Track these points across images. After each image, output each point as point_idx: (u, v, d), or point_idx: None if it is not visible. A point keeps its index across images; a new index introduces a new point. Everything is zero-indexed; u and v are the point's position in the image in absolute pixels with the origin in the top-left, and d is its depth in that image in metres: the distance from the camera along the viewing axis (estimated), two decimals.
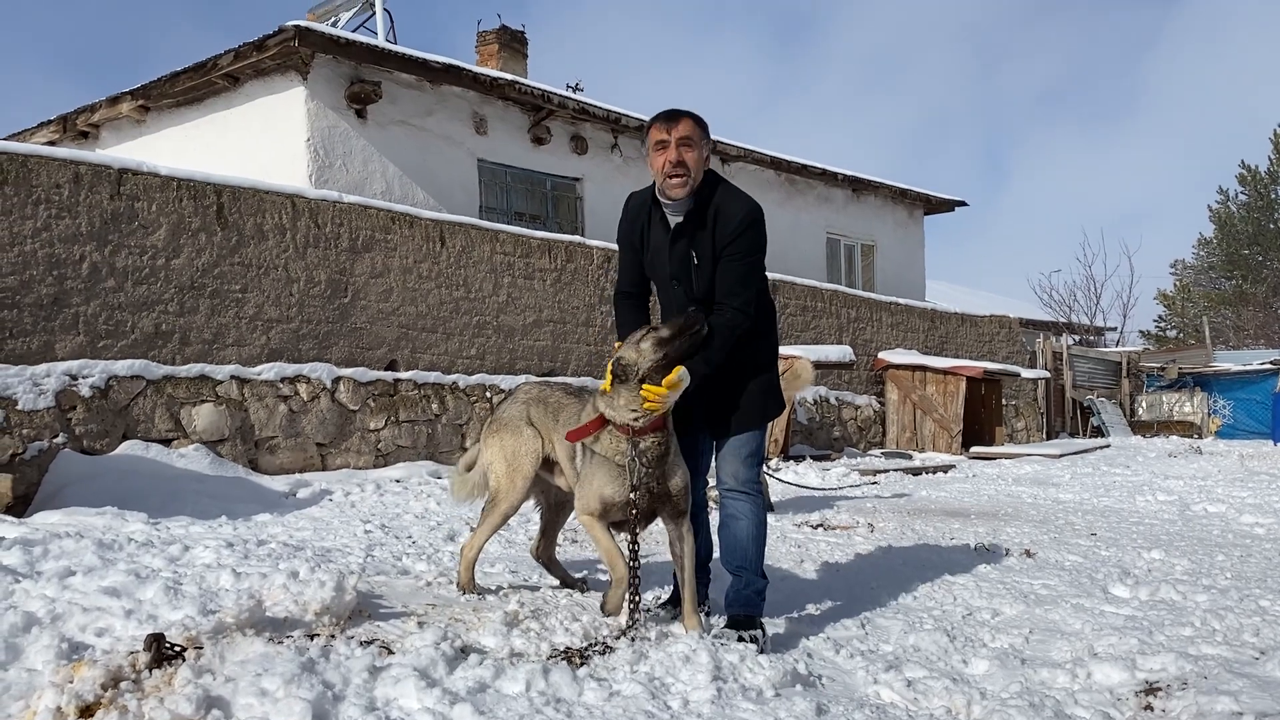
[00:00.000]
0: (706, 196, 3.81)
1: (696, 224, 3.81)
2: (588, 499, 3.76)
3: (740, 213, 3.78)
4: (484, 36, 17.95)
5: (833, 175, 19.10)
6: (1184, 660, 3.61)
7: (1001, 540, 6.49)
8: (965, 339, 18.23)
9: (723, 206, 3.80)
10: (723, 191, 3.85)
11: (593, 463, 3.77)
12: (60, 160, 7.99)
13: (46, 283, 7.79)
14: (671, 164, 3.75)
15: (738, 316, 3.76)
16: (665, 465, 3.70)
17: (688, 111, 3.84)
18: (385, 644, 3.35)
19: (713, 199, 3.81)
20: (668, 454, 3.70)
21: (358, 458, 9.22)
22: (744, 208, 3.80)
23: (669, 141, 3.76)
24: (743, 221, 3.76)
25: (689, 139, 3.76)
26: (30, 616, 3.29)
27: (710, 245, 3.79)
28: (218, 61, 12.28)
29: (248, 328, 8.97)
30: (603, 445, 3.74)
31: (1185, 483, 10.43)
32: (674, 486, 3.72)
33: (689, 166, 3.76)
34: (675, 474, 3.73)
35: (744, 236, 3.76)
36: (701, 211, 3.80)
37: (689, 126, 3.78)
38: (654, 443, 3.66)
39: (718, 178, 3.91)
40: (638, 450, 3.64)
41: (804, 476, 10.28)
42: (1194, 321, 38.99)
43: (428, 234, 10.42)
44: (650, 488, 3.67)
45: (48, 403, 7.28)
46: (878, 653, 3.82)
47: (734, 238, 3.76)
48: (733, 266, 3.78)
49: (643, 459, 3.64)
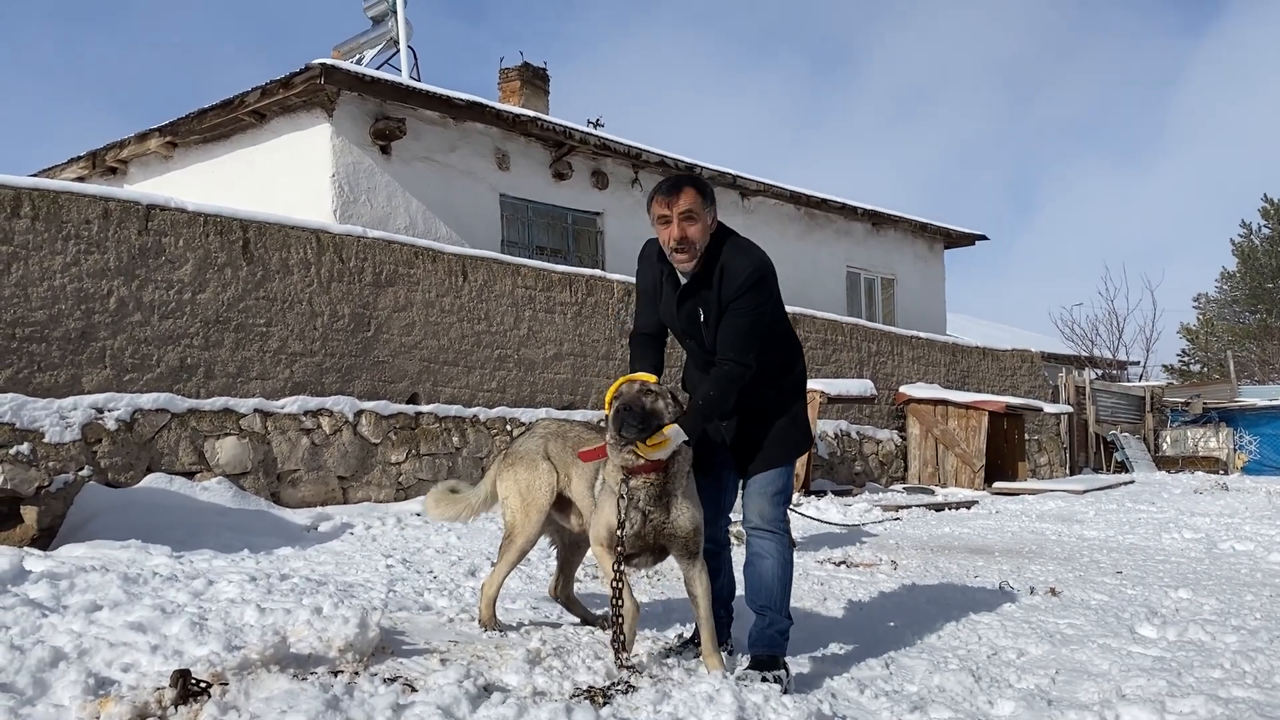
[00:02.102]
0: (714, 254, 3.80)
1: (703, 284, 3.82)
2: (597, 528, 3.80)
3: (745, 270, 3.75)
4: (506, 74, 18.16)
5: (853, 209, 19.13)
6: (1214, 703, 3.56)
7: (1026, 578, 6.43)
8: (987, 373, 18.15)
9: (729, 265, 3.78)
10: (729, 248, 3.82)
11: (603, 492, 3.81)
12: (90, 196, 8.12)
13: (74, 317, 7.89)
14: (676, 240, 3.75)
15: (736, 369, 3.75)
16: (668, 505, 3.68)
17: (690, 180, 3.82)
18: (408, 681, 3.35)
19: (719, 258, 3.80)
20: (666, 495, 3.67)
21: (379, 491, 9.24)
22: (750, 264, 3.77)
23: (671, 217, 3.75)
24: (748, 279, 3.74)
25: (691, 212, 3.73)
26: (57, 651, 3.31)
27: (716, 303, 3.79)
28: (245, 99, 12.46)
29: (271, 361, 9.05)
30: (608, 471, 3.77)
31: (1212, 520, 10.30)
32: (680, 527, 3.69)
33: (692, 240, 3.75)
34: (683, 515, 3.70)
35: (749, 294, 3.74)
36: (709, 270, 3.80)
37: (691, 199, 3.75)
38: (645, 482, 3.65)
39: (725, 232, 3.88)
40: (628, 488, 3.65)
41: (826, 512, 10.22)
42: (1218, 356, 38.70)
43: (450, 268, 10.50)
44: (653, 523, 3.66)
45: (74, 435, 7.35)
46: (902, 693, 3.79)
47: (738, 295, 3.74)
48: (735, 322, 3.76)
49: (633, 497, 3.64)
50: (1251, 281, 41.56)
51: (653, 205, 3.82)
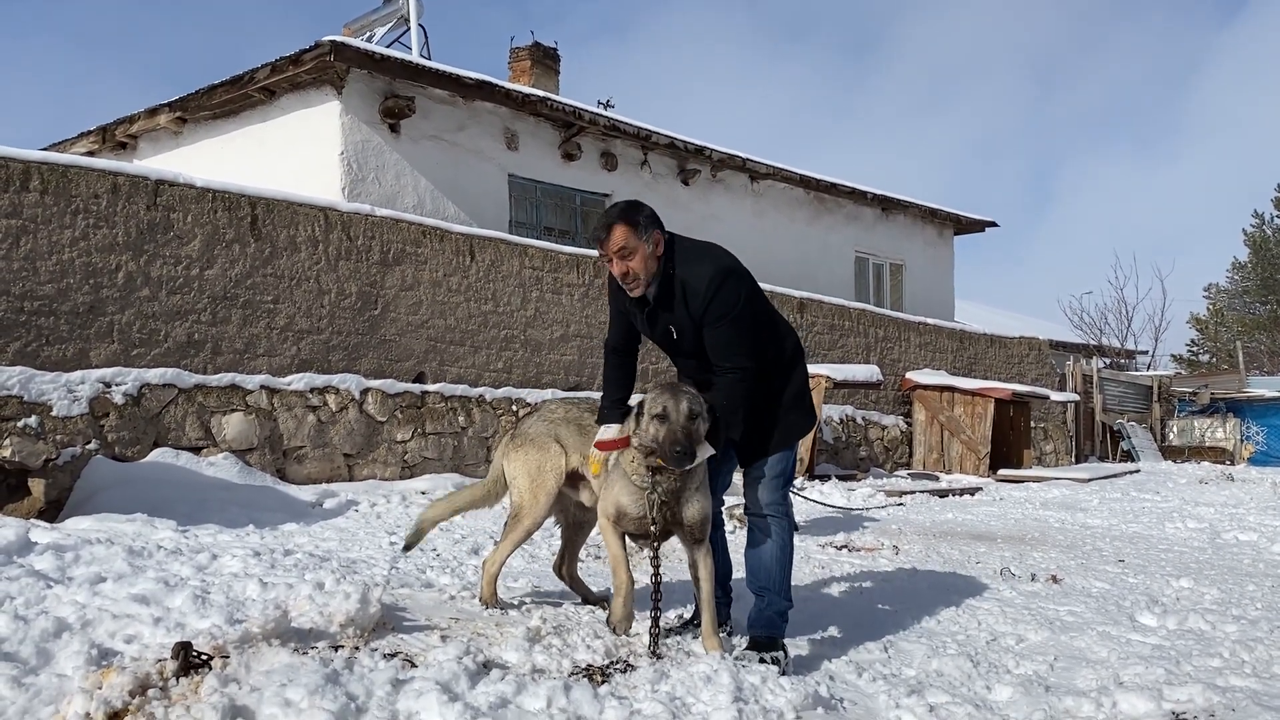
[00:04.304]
0: (669, 274, 3.82)
1: (667, 301, 3.86)
2: (606, 503, 3.86)
3: (704, 279, 3.75)
4: (517, 53, 18.09)
5: (862, 194, 19.05)
6: (1212, 692, 3.57)
7: (1027, 565, 6.44)
8: (994, 360, 18.10)
9: (686, 279, 3.79)
10: (681, 260, 3.82)
11: (614, 473, 3.85)
12: (99, 171, 8.13)
13: (83, 291, 7.91)
14: (619, 275, 3.83)
15: (736, 375, 3.78)
16: (682, 495, 3.74)
17: (618, 216, 3.81)
18: (408, 657, 3.38)
19: (676, 275, 3.81)
20: (684, 488, 3.75)
21: (384, 469, 9.28)
22: (706, 273, 3.76)
23: (610, 255, 3.81)
24: (709, 288, 3.74)
25: (625, 249, 3.77)
26: (61, 622, 3.34)
27: (686, 315, 3.82)
28: (254, 75, 12.44)
29: (279, 338, 9.06)
30: (624, 460, 3.81)
31: (1216, 510, 10.29)
32: (689, 516, 3.76)
33: (635, 272, 3.80)
34: (693, 504, 3.76)
35: (716, 300, 3.74)
36: (668, 291, 3.84)
37: (621, 235, 3.77)
38: (669, 476, 3.71)
39: (674, 242, 3.87)
40: (653, 481, 3.70)
41: (829, 496, 10.24)
42: (1227, 346, 38.51)
43: (458, 248, 10.49)
44: (665, 512, 3.73)
45: (81, 409, 7.38)
46: (900, 677, 3.81)
47: (706, 305, 3.75)
48: (716, 333, 3.78)
49: (657, 488, 3.70)
50: (1263, 272, 41.27)
51: (597, 247, 3.90)
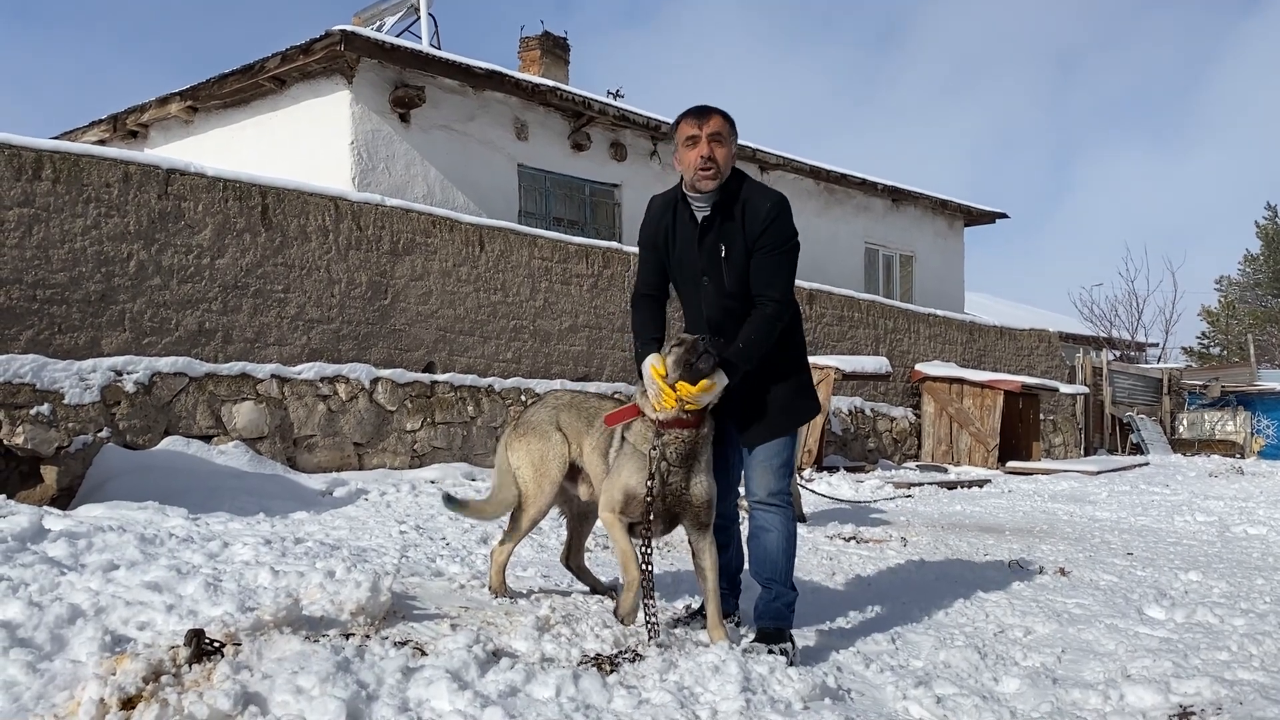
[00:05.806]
0: (734, 191, 3.87)
1: (725, 216, 3.86)
2: (611, 492, 3.79)
3: (767, 204, 3.84)
4: (527, 43, 18.07)
5: (872, 185, 19.01)
6: (1219, 685, 3.57)
7: (1036, 557, 6.43)
8: (1004, 352, 18.07)
9: (750, 199, 3.86)
10: (749, 186, 3.92)
11: (623, 452, 3.81)
12: (110, 160, 8.16)
13: (94, 280, 7.95)
14: (703, 158, 3.80)
15: (775, 309, 3.79)
16: (689, 471, 3.70)
17: (718, 109, 3.90)
18: (419, 645, 3.40)
19: (740, 193, 3.87)
20: (694, 455, 3.71)
21: (394, 458, 9.31)
22: (770, 199, 3.86)
23: (700, 137, 3.81)
24: (770, 211, 3.81)
25: (719, 135, 3.82)
26: (75, 609, 3.37)
27: (740, 236, 3.83)
28: (265, 64, 12.46)
29: (289, 327, 9.10)
30: (634, 433, 3.79)
31: (1226, 503, 10.26)
32: (695, 495, 3.72)
33: (718, 161, 3.81)
34: (700, 484, 3.72)
35: (774, 226, 3.81)
36: (729, 205, 3.86)
37: (719, 123, 3.85)
38: (677, 438, 3.67)
39: (743, 174, 3.97)
40: (661, 442, 3.67)
41: (837, 488, 10.24)
42: (1238, 339, 38.36)
43: (467, 238, 10.51)
44: (672, 488, 3.69)
45: (93, 397, 7.43)
46: (908, 668, 3.81)
47: (764, 229, 3.80)
48: (767, 259, 3.82)
49: (665, 452, 3.67)
50: (1275, 264, 41.11)
51: (680, 127, 3.88)
